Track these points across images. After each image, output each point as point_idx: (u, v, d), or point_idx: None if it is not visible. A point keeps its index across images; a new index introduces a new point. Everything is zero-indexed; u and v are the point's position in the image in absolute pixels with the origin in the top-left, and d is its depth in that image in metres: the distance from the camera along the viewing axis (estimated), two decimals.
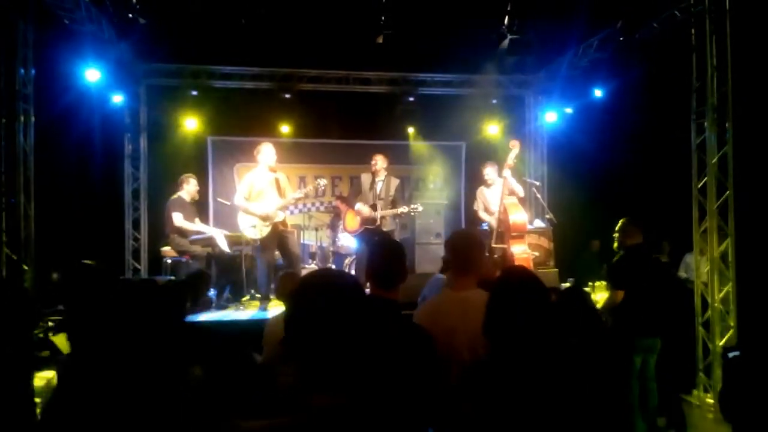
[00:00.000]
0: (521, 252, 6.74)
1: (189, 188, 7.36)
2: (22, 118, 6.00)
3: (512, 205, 6.85)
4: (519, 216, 6.78)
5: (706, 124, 5.78)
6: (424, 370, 2.07)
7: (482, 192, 7.61)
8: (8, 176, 5.83)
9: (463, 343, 2.56)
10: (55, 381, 4.23)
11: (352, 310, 1.32)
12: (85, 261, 3.67)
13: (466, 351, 2.54)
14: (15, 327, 3.23)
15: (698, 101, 5.91)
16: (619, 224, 4.95)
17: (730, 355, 2.78)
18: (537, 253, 7.38)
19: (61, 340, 5.33)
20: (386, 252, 2.50)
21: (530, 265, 6.60)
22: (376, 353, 1.38)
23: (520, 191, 7.12)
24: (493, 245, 6.91)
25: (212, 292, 7.58)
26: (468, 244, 2.84)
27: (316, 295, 1.33)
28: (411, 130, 9.98)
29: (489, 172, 7.47)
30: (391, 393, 1.65)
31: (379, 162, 7.15)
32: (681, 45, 6.10)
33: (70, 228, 7.30)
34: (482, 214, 7.59)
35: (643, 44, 6.90)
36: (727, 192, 5.63)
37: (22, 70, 5.97)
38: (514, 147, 7.14)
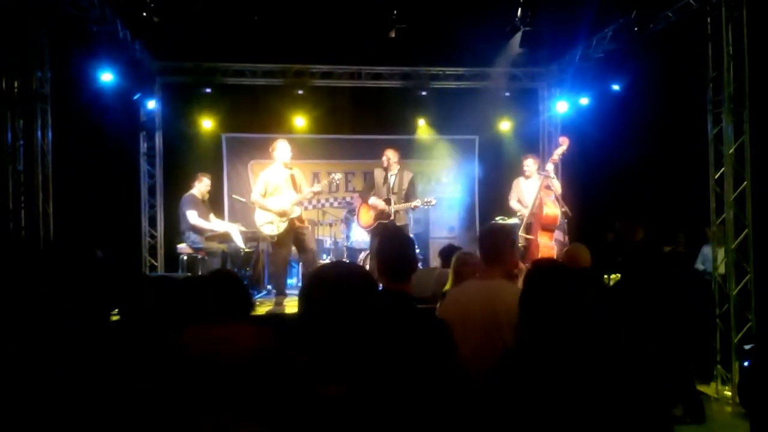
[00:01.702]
0: (547, 244, 6.80)
1: (200, 186, 7.44)
2: (39, 118, 6.08)
3: (549, 198, 6.93)
4: (552, 210, 6.86)
5: (722, 114, 5.72)
6: (439, 360, 2.08)
7: (519, 183, 7.62)
8: (27, 175, 5.92)
9: (480, 331, 2.63)
10: None
11: (363, 302, 1.33)
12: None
13: (484, 339, 2.59)
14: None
15: (714, 91, 5.85)
16: (618, 225, 4.93)
17: (747, 347, 2.76)
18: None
19: None
20: (394, 244, 2.52)
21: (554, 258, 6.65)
22: (389, 345, 1.39)
23: (558, 188, 7.14)
24: (521, 234, 6.98)
25: None
26: (499, 236, 3.03)
27: (328, 287, 1.35)
28: (423, 124, 9.97)
29: (529, 164, 7.50)
30: (404, 383, 1.66)
31: (391, 157, 7.15)
32: (697, 34, 6.03)
33: (88, 226, 7.40)
34: (514, 205, 7.61)
35: (657, 35, 6.82)
36: (745, 183, 5.57)
37: (39, 71, 6.05)
38: (563, 143, 7.23)
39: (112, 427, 2.51)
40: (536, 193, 7.04)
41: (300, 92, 9.06)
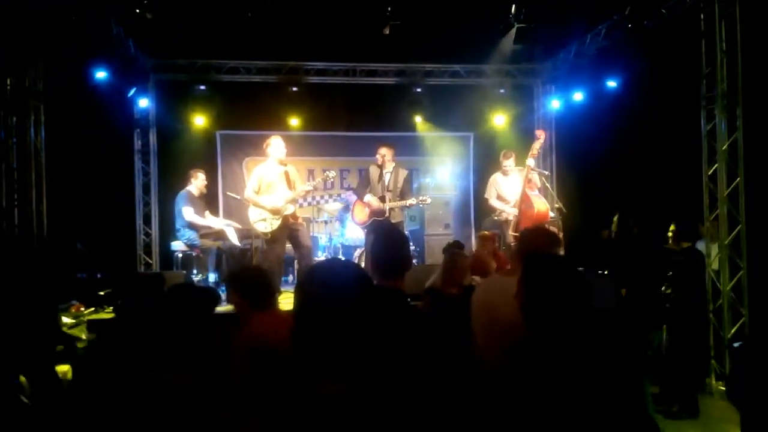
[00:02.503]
0: None
1: (197, 183, 7.41)
2: (32, 116, 6.06)
3: (533, 193, 6.96)
4: (543, 205, 6.93)
5: (716, 110, 5.74)
6: (431, 358, 2.09)
7: (497, 180, 7.57)
8: (20, 173, 5.90)
9: (500, 325, 2.67)
10: (69, 375, 4.30)
11: (358, 299, 1.33)
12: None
13: (503, 333, 2.62)
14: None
15: (708, 87, 5.86)
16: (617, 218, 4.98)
17: (736, 344, 2.78)
18: None
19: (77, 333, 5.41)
20: (389, 241, 2.52)
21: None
22: (383, 341, 1.39)
23: (539, 181, 7.15)
24: (510, 232, 6.98)
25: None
26: (536, 238, 3.08)
27: (323, 284, 1.35)
28: (419, 121, 9.97)
29: (508, 163, 7.45)
30: (398, 380, 1.66)
31: (385, 154, 7.15)
32: (690, 31, 6.04)
33: (82, 224, 7.38)
34: (494, 203, 7.55)
35: (651, 31, 6.83)
36: (738, 179, 5.59)
37: (32, 68, 6.02)
38: (540, 137, 7.27)
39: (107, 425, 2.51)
40: (521, 189, 7.03)
41: (294, 89, 9.03)
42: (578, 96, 9.00)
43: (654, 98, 7.89)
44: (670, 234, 5.37)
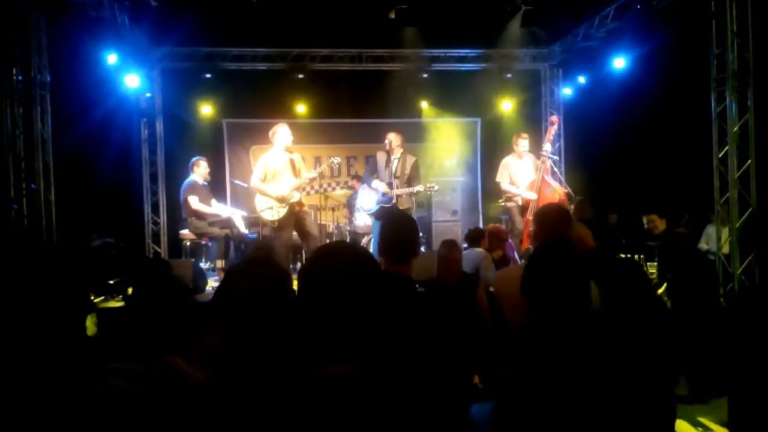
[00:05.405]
0: None
1: (200, 171, 7.39)
2: (39, 105, 6.06)
3: (549, 178, 6.97)
4: (561, 190, 6.93)
5: (726, 92, 5.66)
6: (438, 342, 2.08)
7: (509, 163, 7.38)
8: (27, 163, 5.91)
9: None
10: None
11: (364, 281, 1.32)
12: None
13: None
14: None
15: (718, 69, 5.78)
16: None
17: None
18: None
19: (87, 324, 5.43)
20: (398, 226, 2.50)
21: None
22: (390, 324, 1.38)
23: (549, 168, 7.13)
24: (528, 217, 6.95)
25: None
26: (553, 217, 3.08)
27: (329, 265, 1.33)
28: (425, 106, 9.91)
29: (524, 144, 7.31)
30: (406, 363, 1.66)
31: (393, 140, 7.09)
32: (700, 11, 5.95)
33: (90, 213, 7.40)
34: (507, 187, 7.39)
35: (660, 12, 6.74)
36: (749, 161, 5.53)
37: (37, 57, 6.02)
38: (554, 122, 7.36)
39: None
40: (537, 173, 6.98)
41: (300, 76, 9.00)
42: (581, 79, 8.93)
43: (663, 80, 7.81)
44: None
